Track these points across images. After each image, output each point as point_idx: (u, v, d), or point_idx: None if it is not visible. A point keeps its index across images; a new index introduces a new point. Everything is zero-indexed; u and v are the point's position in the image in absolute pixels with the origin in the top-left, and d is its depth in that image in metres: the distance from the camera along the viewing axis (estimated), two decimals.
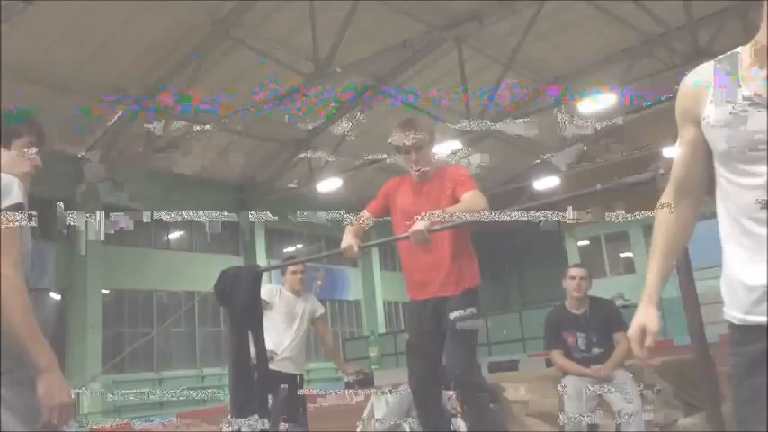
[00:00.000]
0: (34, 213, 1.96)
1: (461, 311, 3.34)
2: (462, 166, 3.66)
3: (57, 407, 1.74)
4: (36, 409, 1.74)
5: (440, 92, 18.66)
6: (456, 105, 17.90)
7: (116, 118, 16.58)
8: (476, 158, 4.42)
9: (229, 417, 3.91)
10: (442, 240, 3.38)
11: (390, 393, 5.24)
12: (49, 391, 1.74)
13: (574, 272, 4.23)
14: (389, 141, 3.53)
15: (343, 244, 3.45)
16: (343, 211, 3.69)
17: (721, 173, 1.60)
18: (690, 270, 2.23)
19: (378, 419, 5.16)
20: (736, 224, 1.58)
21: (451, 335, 3.34)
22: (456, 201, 3.37)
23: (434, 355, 3.48)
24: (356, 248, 3.40)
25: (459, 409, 4.08)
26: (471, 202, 3.27)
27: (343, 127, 18.42)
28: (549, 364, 4.45)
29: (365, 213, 3.66)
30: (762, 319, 1.44)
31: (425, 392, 3.49)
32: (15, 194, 1.87)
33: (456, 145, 16.90)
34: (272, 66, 15.25)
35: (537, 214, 2.78)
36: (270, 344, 4.46)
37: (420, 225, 3.12)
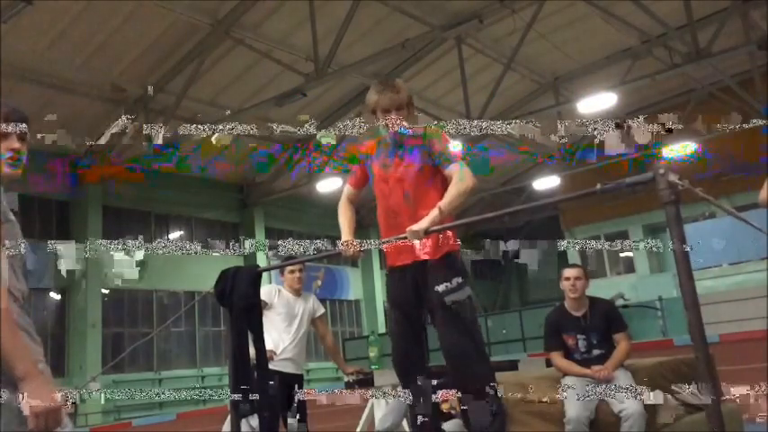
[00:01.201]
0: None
1: (447, 284, 3.17)
2: (437, 128, 3.45)
3: (41, 413, 1.67)
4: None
5: (440, 92, 18.71)
6: (456, 105, 17.93)
7: (116, 118, 16.59)
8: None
9: (229, 417, 3.91)
10: (417, 203, 3.27)
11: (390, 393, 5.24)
12: (30, 398, 1.67)
13: (568, 272, 4.22)
14: (368, 102, 3.39)
15: (342, 240, 3.36)
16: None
17: None
18: (690, 270, 2.23)
19: (378, 419, 5.16)
20: None
21: (442, 313, 3.18)
22: (435, 168, 3.28)
23: (419, 326, 3.35)
24: (355, 247, 3.33)
25: (457, 407, 4.06)
26: (460, 185, 3.15)
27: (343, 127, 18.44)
28: (549, 363, 4.44)
29: (350, 189, 3.58)
30: None
31: (411, 369, 3.33)
32: None
33: (456, 144, 16.92)
34: (272, 66, 15.27)
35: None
36: (270, 344, 4.46)
37: (417, 225, 3.09)
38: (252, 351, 3.67)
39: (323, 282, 20.84)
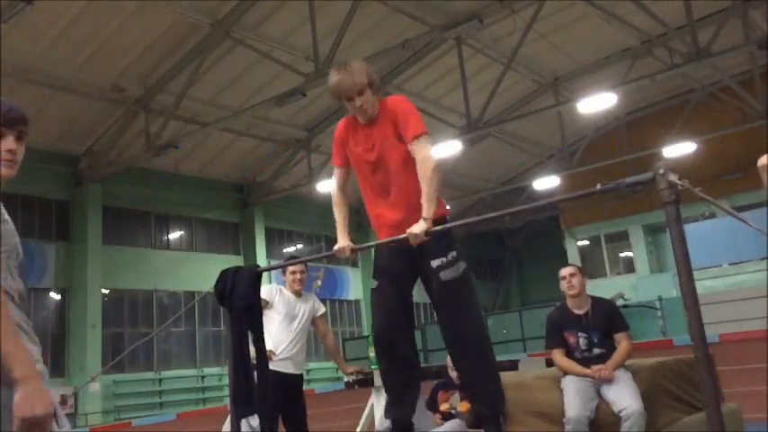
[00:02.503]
0: None
1: (443, 258, 3.11)
2: (402, 97, 3.38)
3: (30, 419, 1.60)
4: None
5: (440, 92, 18.71)
6: (456, 105, 17.93)
7: (116, 118, 16.60)
8: None
9: (229, 417, 3.91)
10: (400, 172, 3.22)
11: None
12: (24, 402, 1.60)
13: (563, 271, 4.27)
14: (330, 91, 3.31)
15: (337, 245, 3.34)
16: None
17: None
18: (690, 270, 2.23)
19: (378, 419, 5.15)
20: None
21: (440, 292, 3.14)
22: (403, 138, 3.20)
23: (408, 297, 3.30)
24: (348, 252, 3.32)
25: (456, 407, 4.07)
26: (424, 174, 3.06)
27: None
28: (550, 363, 4.44)
29: (338, 171, 3.51)
30: None
31: (394, 340, 3.25)
32: None
33: (457, 144, 16.92)
34: (272, 66, 15.27)
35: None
36: (269, 344, 4.46)
37: (416, 228, 3.06)
38: (252, 351, 3.66)
39: (323, 282, 20.85)
